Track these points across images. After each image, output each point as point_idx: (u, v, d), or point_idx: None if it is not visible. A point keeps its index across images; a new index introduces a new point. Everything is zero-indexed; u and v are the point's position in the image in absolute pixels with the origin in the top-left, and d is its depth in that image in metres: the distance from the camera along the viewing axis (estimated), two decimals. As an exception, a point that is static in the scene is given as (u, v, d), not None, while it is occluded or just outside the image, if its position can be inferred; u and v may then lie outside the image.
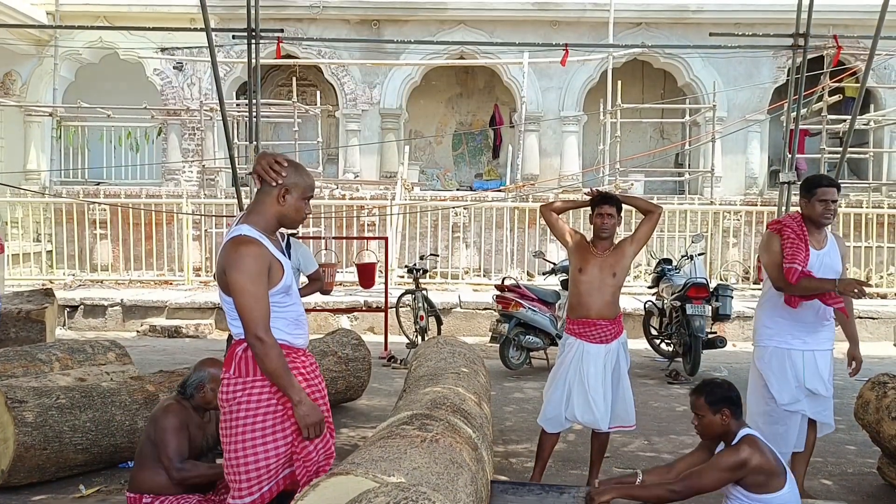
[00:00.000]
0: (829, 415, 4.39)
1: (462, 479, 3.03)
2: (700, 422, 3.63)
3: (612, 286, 4.53)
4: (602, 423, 4.49)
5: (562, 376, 4.56)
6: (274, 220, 3.02)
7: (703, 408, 3.59)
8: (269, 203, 3.00)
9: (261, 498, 2.97)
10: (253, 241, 2.92)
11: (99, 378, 5.36)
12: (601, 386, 4.46)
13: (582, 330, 4.53)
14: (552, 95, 14.98)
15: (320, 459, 3.04)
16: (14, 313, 7.48)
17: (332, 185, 14.02)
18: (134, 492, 3.93)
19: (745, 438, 3.50)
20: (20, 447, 4.37)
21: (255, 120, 8.16)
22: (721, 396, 3.57)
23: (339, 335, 6.87)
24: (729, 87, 14.60)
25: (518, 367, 8.13)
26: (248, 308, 2.86)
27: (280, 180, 2.97)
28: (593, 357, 4.48)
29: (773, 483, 3.43)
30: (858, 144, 14.18)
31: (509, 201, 13.26)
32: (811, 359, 4.30)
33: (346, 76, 14.97)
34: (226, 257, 2.92)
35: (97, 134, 15.05)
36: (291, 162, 3.08)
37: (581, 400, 4.47)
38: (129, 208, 12.54)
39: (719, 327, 8.94)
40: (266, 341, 2.86)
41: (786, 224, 4.38)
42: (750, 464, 3.39)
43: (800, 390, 4.29)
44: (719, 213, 12.96)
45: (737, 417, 3.57)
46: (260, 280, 2.88)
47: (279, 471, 3.00)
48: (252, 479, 2.95)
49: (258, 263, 2.88)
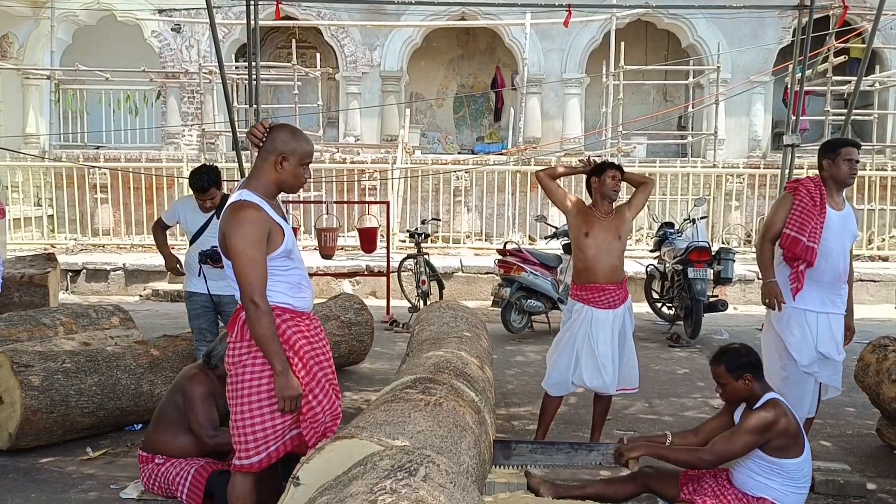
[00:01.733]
0: (837, 378, 4.37)
1: (465, 441, 3.06)
2: (724, 390, 3.55)
3: (618, 248, 4.53)
4: (611, 387, 4.53)
5: (569, 343, 4.56)
6: (273, 186, 3.05)
7: (724, 376, 3.51)
8: (268, 170, 3.02)
9: (267, 457, 3.02)
10: (252, 206, 2.94)
11: (103, 342, 5.39)
12: (610, 351, 4.48)
13: (590, 296, 4.52)
14: (554, 57, 14.82)
15: (327, 420, 3.08)
16: (17, 278, 7.49)
17: (332, 149, 13.94)
18: (148, 451, 3.97)
19: (771, 401, 3.45)
20: (27, 411, 4.41)
21: (255, 83, 8.09)
22: (742, 363, 3.49)
23: (341, 299, 6.89)
24: (733, 48, 14.45)
25: (520, 330, 8.16)
26: (244, 272, 2.89)
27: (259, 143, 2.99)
28: (602, 323, 4.48)
29: (794, 449, 3.40)
30: (863, 106, 14.07)
31: (511, 165, 13.20)
32: (825, 322, 4.27)
33: (346, 38, 14.80)
34: (226, 222, 2.95)
35: (96, 97, 14.95)
36: (289, 128, 3.08)
37: (591, 365, 4.49)
38: (130, 172, 12.49)
39: (721, 291, 8.95)
40: (260, 306, 2.88)
41: (803, 185, 4.34)
42: (777, 426, 3.34)
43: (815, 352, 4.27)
44: (722, 176, 12.90)
45: (760, 381, 3.50)
46: (258, 245, 2.90)
47: (285, 432, 3.03)
48: (259, 440, 2.99)
49: (257, 228, 2.90)
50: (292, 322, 3.02)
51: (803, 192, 4.29)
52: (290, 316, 3.02)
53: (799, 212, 4.25)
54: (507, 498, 3.83)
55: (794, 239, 4.22)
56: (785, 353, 4.31)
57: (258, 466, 3.02)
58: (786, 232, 4.26)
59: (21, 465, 4.39)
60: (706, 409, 5.53)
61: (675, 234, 8.73)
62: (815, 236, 4.20)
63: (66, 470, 4.33)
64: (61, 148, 14.49)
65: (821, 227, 4.21)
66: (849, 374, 5.24)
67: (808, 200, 4.26)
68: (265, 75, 13.11)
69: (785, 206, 4.33)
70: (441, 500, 2.10)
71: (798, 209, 4.26)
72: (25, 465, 4.38)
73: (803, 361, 4.25)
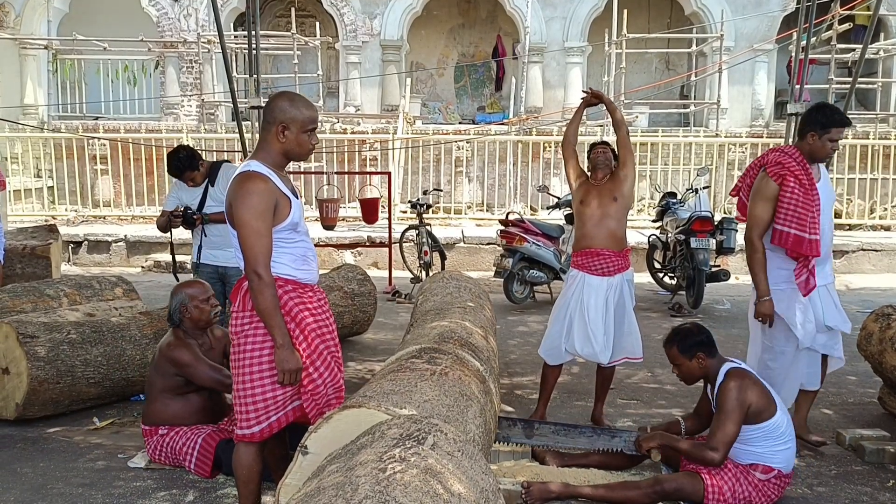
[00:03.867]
0: (839, 348, 4.31)
1: (471, 410, 3.08)
2: (679, 370, 3.71)
3: (615, 210, 4.48)
4: (602, 356, 4.49)
5: (563, 308, 4.58)
6: (280, 156, 3.02)
7: (677, 357, 3.67)
8: (271, 140, 3.00)
9: (269, 427, 3.02)
10: (260, 177, 2.92)
11: (108, 313, 5.40)
12: (601, 319, 4.46)
13: (585, 261, 4.52)
14: (556, 25, 14.67)
15: (329, 393, 3.07)
16: (19, 249, 7.48)
17: (332, 120, 13.86)
18: (149, 424, 4.02)
19: (733, 372, 3.55)
20: (33, 381, 4.44)
21: (254, 52, 8.00)
22: (692, 342, 3.63)
23: (344, 270, 6.89)
24: (737, 16, 14.29)
25: (522, 301, 8.18)
26: (249, 243, 2.87)
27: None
28: (594, 289, 4.47)
29: (767, 410, 3.51)
30: (867, 74, 13.95)
31: (512, 135, 13.12)
32: (826, 294, 4.20)
33: (345, 6, 14.64)
34: (233, 192, 2.94)
35: (94, 67, 14.82)
36: (287, 95, 3.05)
37: (581, 332, 4.48)
38: (130, 143, 12.42)
39: (723, 261, 8.95)
40: (263, 278, 2.87)
41: (788, 170, 4.00)
42: (749, 393, 3.45)
43: (818, 326, 4.15)
44: (725, 146, 12.83)
45: (712, 356, 3.63)
46: (264, 216, 2.88)
47: (286, 402, 3.03)
48: (260, 410, 2.99)
49: (263, 199, 2.88)
50: (294, 294, 3.01)
51: (791, 180, 3.99)
52: (292, 287, 3.01)
53: (793, 204, 3.98)
54: (511, 466, 3.87)
55: (796, 238, 3.97)
56: (782, 335, 4.15)
57: (259, 436, 3.02)
58: (783, 230, 4.00)
59: (29, 434, 4.42)
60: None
61: (678, 204, 8.71)
62: (814, 227, 3.97)
63: (74, 439, 4.37)
64: (60, 119, 14.39)
65: (817, 213, 3.99)
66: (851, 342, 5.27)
67: (798, 188, 3.98)
68: (264, 45, 12.99)
69: (769, 194, 4.03)
70: (449, 468, 2.12)
71: (790, 201, 3.98)
72: (33, 435, 4.41)
73: (806, 342, 4.12)
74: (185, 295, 4.04)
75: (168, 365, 3.97)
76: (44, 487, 3.71)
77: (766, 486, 3.50)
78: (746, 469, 3.50)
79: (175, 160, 5.12)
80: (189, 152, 5.17)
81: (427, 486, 1.95)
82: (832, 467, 4.06)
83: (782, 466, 3.52)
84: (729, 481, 3.47)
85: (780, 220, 4.03)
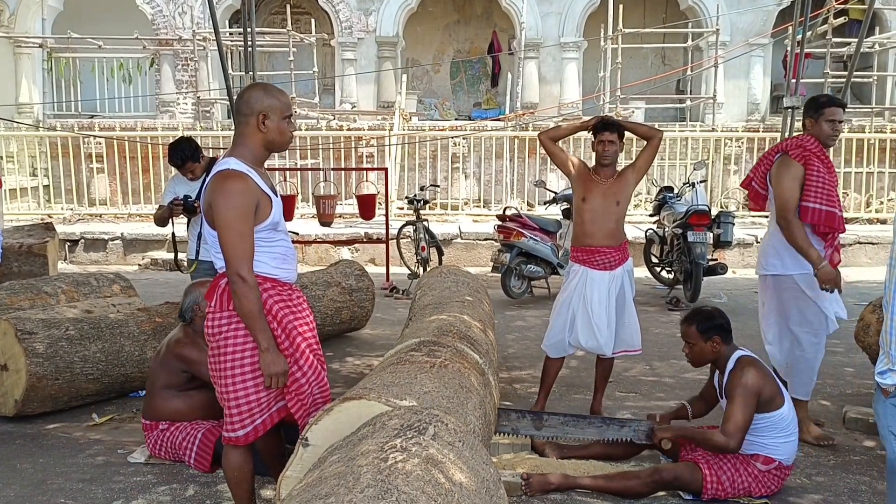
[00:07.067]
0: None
1: (471, 402, 3.08)
2: (691, 350, 3.71)
3: (615, 214, 4.50)
4: (606, 348, 4.53)
5: (565, 302, 4.59)
6: (260, 150, 2.93)
7: (694, 336, 3.66)
8: (251, 133, 2.90)
9: (254, 430, 2.95)
10: (240, 176, 2.82)
11: (105, 310, 5.40)
12: (605, 312, 4.49)
13: (586, 257, 4.53)
14: (552, 21, 14.67)
15: (314, 392, 2.99)
16: (16, 247, 7.47)
17: (328, 116, 13.85)
18: (149, 419, 4.02)
19: (744, 360, 3.56)
20: (32, 377, 4.43)
21: (250, 49, 7.99)
22: (712, 325, 3.63)
23: (341, 266, 6.89)
24: (732, 10, 14.30)
25: (520, 296, 8.18)
26: (231, 245, 2.78)
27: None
28: (597, 283, 4.49)
29: (776, 399, 3.52)
30: (862, 68, 13.96)
31: (509, 130, 13.13)
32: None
33: (340, 3, 14.62)
34: (212, 191, 2.83)
35: (89, 65, 14.77)
36: (259, 85, 3.01)
37: (585, 326, 4.50)
38: (125, 141, 12.40)
39: (720, 254, 8.96)
40: (247, 281, 2.78)
41: (810, 151, 4.12)
42: (763, 383, 3.46)
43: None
44: (721, 140, 12.84)
45: (727, 342, 3.64)
46: (246, 217, 2.79)
47: (271, 404, 2.96)
48: (244, 413, 2.92)
49: (245, 199, 2.79)
50: (274, 292, 2.93)
51: (815, 160, 4.11)
52: (272, 286, 2.93)
53: (821, 183, 4.08)
54: (511, 458, 3.88)
55: (828, 213, 4.07)
56: (816, 319, 4.21)
57: (244, 440, 2.95)
58: (814, 207, 4.07)
59: (28, 431, 4.42)
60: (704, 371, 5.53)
61: (675, 198, 8.72)
62: (839, 203, 4.12)
63: (73, 435, 4.37)
64: (55, 117, 14.35)
65: (837, 190, 4.14)
66: (849, 334, 5.29)
67: (822, 167, 4.10)
68: (260, 42, 12.95)
69: (796, 174, 4.11)
70: (450, 458, 2.12)
71: (818, 179, 4.08)
72: (32, 432, 4.41)
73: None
74: (198, 294, 4.01)
75: (175, 361, 3.97)
76: (44, 483, 3.71)
77: (766, 476, 3.51)
78: (747, 459, 3.51)
79: (178, 149, 5.08)
80: (189, 144, 5.16)
81: (428, 476, 1.96)
82: (831, 457, 4.08)
83: (784, 458, 3.53)
84: (728, 472, 3.48)
85: (809, 197, 4.10)
